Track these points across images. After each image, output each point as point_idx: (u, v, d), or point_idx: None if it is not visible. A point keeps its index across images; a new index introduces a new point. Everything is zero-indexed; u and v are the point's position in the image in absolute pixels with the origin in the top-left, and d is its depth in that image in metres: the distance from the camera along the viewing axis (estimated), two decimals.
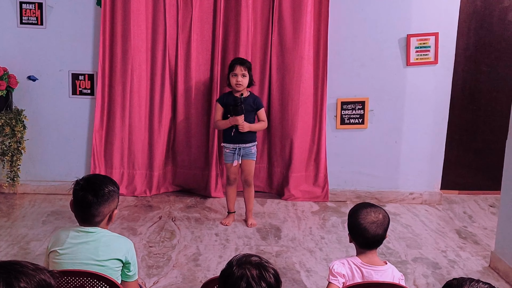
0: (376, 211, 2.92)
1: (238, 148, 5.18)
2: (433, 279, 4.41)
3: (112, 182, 2.90)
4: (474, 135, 6.56)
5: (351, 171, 6.17)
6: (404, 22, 5.91)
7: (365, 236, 2.87)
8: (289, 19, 5.83)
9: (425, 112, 6.07)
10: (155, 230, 5.17)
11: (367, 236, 2.87)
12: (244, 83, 5.13)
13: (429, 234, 5.35)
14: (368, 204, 3.01)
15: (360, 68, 5.99)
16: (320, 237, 5.17)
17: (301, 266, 4.57)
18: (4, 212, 5.43)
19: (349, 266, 2.90)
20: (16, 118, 5.69)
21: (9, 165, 5.74)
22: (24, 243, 4.73)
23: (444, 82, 6.02)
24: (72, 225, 2.90)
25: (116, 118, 5.89)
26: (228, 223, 5.34)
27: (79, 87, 5.91)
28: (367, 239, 2.88)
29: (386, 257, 4.68)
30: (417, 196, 6.21)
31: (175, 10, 5.79)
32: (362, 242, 2.91)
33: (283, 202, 6.03)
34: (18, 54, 5.77)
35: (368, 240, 2.89)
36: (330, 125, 6.06)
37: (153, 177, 6.02)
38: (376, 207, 2.98)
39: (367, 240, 2.89)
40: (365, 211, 2.92)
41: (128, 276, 2.88)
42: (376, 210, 2.94)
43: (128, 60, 5.77)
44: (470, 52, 6.38)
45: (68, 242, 2.76)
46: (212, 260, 4.60)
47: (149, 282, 4.17)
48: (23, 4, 5.71)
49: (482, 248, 5.07)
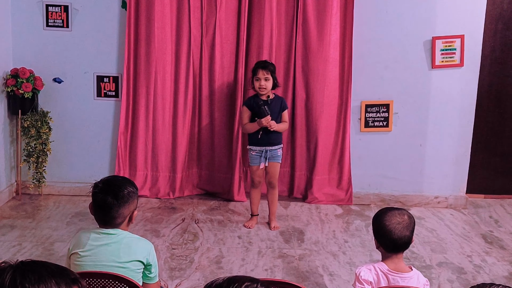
0: (401, 213, 2.89)
1: (265, 151, 5.16)
2: (458, 284, 4.34)
3: (131, 183, 2.88)
4: (500, 138, 6.47)
5: (375, 174, 6.12)
6: (429, 25, 5.85)
7: (392, 238, 2.83)
8: (313, 22, 5.80)
9: (450, 115, 6.00)
10: (178, 232, 5.16)
11: (394, 238, 2.83)
12: (268, 86, 5.12)
13: (454, 239, 5.28)
14: (392, 208, 2.99)
15: (385, 70, 5.94)
16: (343, 241, 5.12)
17: (324, 269, 4.52)
18: (29, 213, 5.46)
19: (375, 272, 2.86)
20: (42, 119, 5.72)
21: (35, 167, 5.78)
22: (48, 244, 4.75)
23: (470, 85, 5.95)
24: (93, 227, 2.88)
25: (140, 121, 5.90)
26: (251, 226, 5.32)
27: (104, 89, 5.93)
28: (395, 241, 2.84)
29: (411, 261, 4.62)
30: (442, 200, 6.12)
31: (199, 12, 5.79)
32: (390, 245, 2.86)
33: (307, 205, 6.00)
34: (44, 57, 5.80)
35: (395, 242, 2.84)
36: (354, 128, 6.02)
37: (176, 179, 6.01)
38: (400, 209, 2.96)
39: (395, 242, 2.84)
40: (390, 213, 2.89)
41: (149, 278, 2.87)
42: (401, 212, 2.91)
43: (152, 63, 5.78)
44: (496, 55, 6.30)
45: (90, 244, 2.75)
46: (234, 263, 4.57)
47: (172, 284, 4.15)
48: (49, 7, 5.74)
49: (509, 253, 4.99)
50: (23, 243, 4.75)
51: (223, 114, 6.00)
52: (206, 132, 6.06)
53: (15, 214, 5.41)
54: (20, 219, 5.28)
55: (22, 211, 5.50)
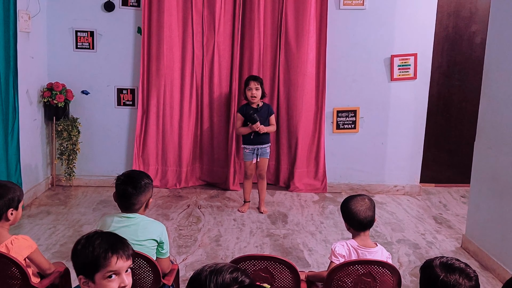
0: (362, 198, 2.88)
1: (257, 148, 5.17)
2: (414, 258, 4.36)
3: (147, 176, 2.90)
4: (447, 137, 6.50)
5: (345, 168, 6.13)
6: (388, 45, 5.87)
7: (359, 219, 2.81)
8: (294, 43, 5.80)
9: (406, 119, 6.01)
10: (184, 216, 5.16)
11: (360, 219, 2.81)
12: (258, 95, 5.13)
13: (410, 220, 5.30)
14: (354, 195, 2.95)
15: (353, 82, 5.95)
16: (319, 222, 5.13)
17: (304, 246, 4.54)
18: (62, 201, 5.46)
19: (347, 247, 2.84)
20: (72, 124, 5.72)
21: (66, 163, 5.78)
22: (78, 227, 4.75)
23: (422, 94, 5.97)
24: (115, 212, 2.90)
25: (152, 125, 5.89)
26: (244, 210, 5.32)
27: (123, 100, 5.92)
28: (361, 221, 2.82)
29: (375, 238, 4.64)
30: (400, 188, 6.15)
31: (200, 36, 5.79)
32: (357, 225, 2.84)
33: (289, 193, 6.00)
34: (74, 73, 5.79)
35: (361, 222, 2.82)
36: (327, 130, 6.02)
37: (182, 172, 6.01)
38: (361, 195, 2.93)
39: (361, 222, 2.82)
40: (354, 200, 2.87)
41: (161, 253, 2.87)
42: (362, 197, 2.89)
43: (162, 77, 5.77)
44: (443, 69, 6.33)
45: (113, 226, 2.76)
46: (230, 241, 4.58)
47: (179, 259, 4.17)
48: (78, 33, 5.74)
49: (455, 231, 5.02)
50: (57, 225, 4.75)
51: (221, 119, 6.00)
52: (207, 133, 6.05)
53: (51, 202, 5.40)
54: (55, 206, 5.27)
55: (56, 200, 5.49)
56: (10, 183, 2.83)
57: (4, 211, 2.67)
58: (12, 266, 2.53)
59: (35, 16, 5.34)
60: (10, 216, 2.69)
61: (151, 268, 2.65)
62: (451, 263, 2.03)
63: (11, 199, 2.69)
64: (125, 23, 5.77)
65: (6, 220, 2.69)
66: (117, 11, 5.74)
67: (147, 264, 2.65)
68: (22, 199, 2.78)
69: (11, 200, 2.69)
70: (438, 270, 2.02)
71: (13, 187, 2.75)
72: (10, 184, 2.78)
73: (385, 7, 5.81)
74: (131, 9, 5.75)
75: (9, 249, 2.62)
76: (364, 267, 2.63)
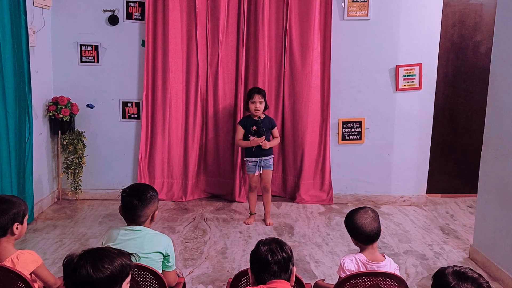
0: (365, 211, 2.84)
1: (259, 161, 5.17)
2: (421, 269, 4.35)
3: (152, 188, 2.91)
4: (453, 148, 6.48)
5: (351, 179, 6.11)
6: (393, 55, 5.88)
7: (365, 232, 2.78)
8: (298, 55, 5.82)
9: (412, 129, 6.01)
10: (190, 228, 5.16)
11: (366, 232, 2.78)
12: (261, 108, 5.14)
13: (417, 231, 5.28)
14: (356, 209, 2.90)
15: (358, 93, 5.96)
16: (326, 234, 5.12)
17: (310, 258, 4.53)
18: (68, 215, 5.46)
19: (356, 262, 2.81)
20: (78, 138, 5.74)
21: (72, 177, 5.80)
22: (84, 240, 4.76)
23: (427, 104, 5.97)
24: (121, 225, 2.90)
25: (157, 138, 5.91)
26: (250, 223, 5.32)
27: (128, 113, 5.94)
28: (367, 234, 2.79)
29: (382, 250, 4.63)
30: (406, 199, 6.13)
31: (205, 49, 5.82)
32: (364, 238, 2.81)
33: (295, 205, 5.99)
34: (79, 86, 5.82)
35: (368, 235, 2.79)
36: (333, 141, 6.01)
37: (188, 185, 6.01)
38: (363, 207, 2.89)
39: (368, 235, 2.79)
40: (357, 214, 2.84)
41: (167, 266, 2.87)
42: (365, 210, 2.86)
43: (167, 90, 5.80)
44: (449, 79, 6.33)
45: (119, 239, 2.77)
46: (237, 253, 4.57)
47: (186, 271, 4.16)
48: (83, 46, 5.78)
49: (462, 242, 4.99)
50: (63, 239, 4.75)
51: (226, 131, 6.01)
52: (212, 146, 6.06)
53: (57, 216, 5.41)
54: (61, 220, 5.28)
55: (62, 213, 5.50)
56: (15, 197, 2.84)
57: (9, 226, 2.68)
58: (18, 281, 2.53)
59: (39, 30, 5.39)
60: (16, 230, 2.70)
61: (157, 281, 2.65)
62: (464, 272, 2.03)
63: (16, 213, 2.70)
64: (129, 37, 5.81)
65: (12, 234, 2.70)
66: (121, 24, 5.78)
67: (153, 277, 2.64)
68: (27, 213, 2.79)
69: (16, 215, 2.70)
70: (450, 278, 2.01)
71: (18, 201, 2.76)
72: (14, 199, 2.78)
73: (390, 17, 5.82)
74: (135, 22, 5.79)
75: (14, 263, 2.62)
76: (371, 279, 2.62)
